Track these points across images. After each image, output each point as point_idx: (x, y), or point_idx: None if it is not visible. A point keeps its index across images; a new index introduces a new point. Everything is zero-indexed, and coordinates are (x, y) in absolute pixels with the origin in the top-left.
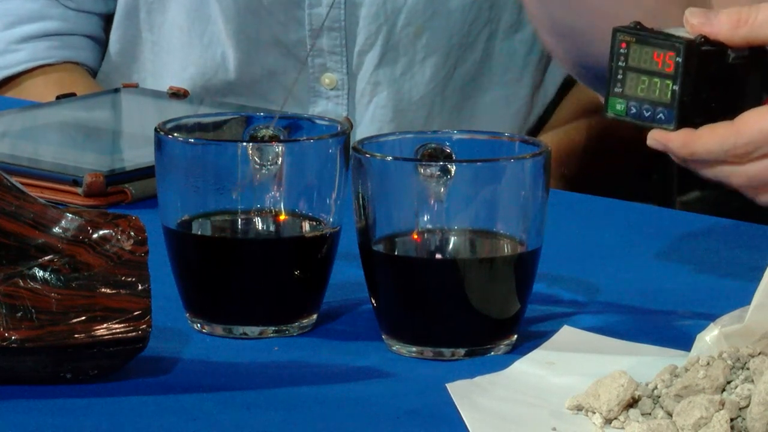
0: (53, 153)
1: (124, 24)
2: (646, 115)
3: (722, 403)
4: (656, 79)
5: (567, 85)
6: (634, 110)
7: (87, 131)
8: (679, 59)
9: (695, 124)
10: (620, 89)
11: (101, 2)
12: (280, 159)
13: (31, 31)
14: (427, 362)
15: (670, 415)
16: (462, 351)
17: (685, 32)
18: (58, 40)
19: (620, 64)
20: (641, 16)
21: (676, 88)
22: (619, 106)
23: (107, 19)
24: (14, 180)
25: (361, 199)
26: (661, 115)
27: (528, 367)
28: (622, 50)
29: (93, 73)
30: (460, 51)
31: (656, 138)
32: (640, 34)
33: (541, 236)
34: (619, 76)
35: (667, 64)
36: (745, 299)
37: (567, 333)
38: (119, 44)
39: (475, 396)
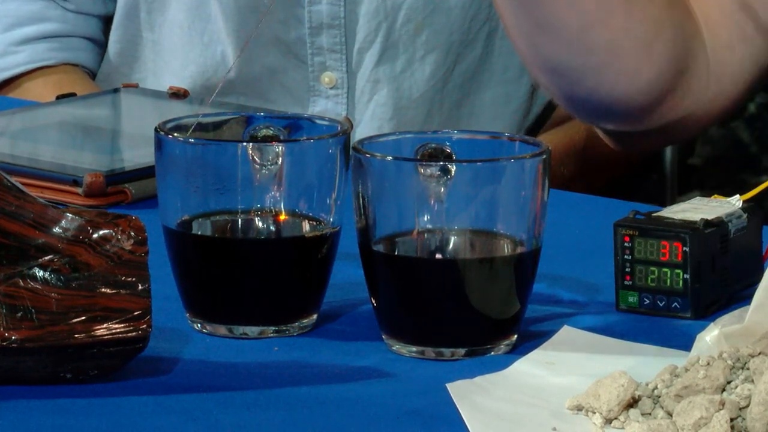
0: (53, 153)
1: (125, 24)
2: (661, 305)
3: (722, 403)
4: (666, 269)
5: None
6: (647, 301)
7: (87, 131)
8: (687, 249)
9: (708, 305)
10: (630, 282)
11: (100, 4)
12: (280, 159)
13: (30, 33)
14: (427, 362)
15: (670, 415)
16: (462, 351)
17: (682, 212)
18: (57, 42)
19: (626, 257)
20: (632, 47)
21: (687, 276)
22: (632, 299)
23: (106, 21)
24: (14, 180)
25: (361, 199)
26: (675, 304)
27: (528, 367)
28: (626, 244)
29: (92, 75)
30: (460, 48)
31: None
32: (642, 226)
33: (541, 236)
34: (627, 269)
35: (675, 254)
36: (745, 299)
37: (567, 333)
38: (119, 44)
39: (475, 396)
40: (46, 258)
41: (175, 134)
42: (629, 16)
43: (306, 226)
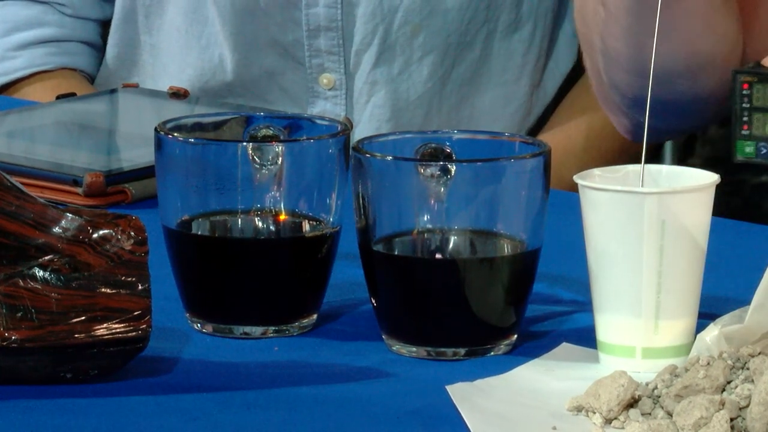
0: (53, 153)
1: (122, 28)
2: None
3: (722, 403)
4: None
5: (566, 85)
6: (764, 150)
7: (87, 131)
8: None
9: None
10: (748, 131)
11: (98, 8)
12: (280, 159)
13: (28, 37)
14: (427, 362)
15: (670, 415)
16: (462, 351)
17: None
18: (55, 47)
19: (744, 105)
20: (726, 51)
21: None
22: (748, 149)
23: (104, 25)
24: (14, 180)
25: (361, 199)
26: None
27: (527, 372)
28: (744, 91)
29: (90, 79)
30: (458, 50)
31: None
32: (762, 73)
33: (541, 236)
34: (745, 118)
35: None
36: (745, 299)
37: (565, 349)
38: (117, 48)
39: (475, 397)
40: (46, 258)
41: (175, 134)
42: (727, 18)
43: (306, 226)
